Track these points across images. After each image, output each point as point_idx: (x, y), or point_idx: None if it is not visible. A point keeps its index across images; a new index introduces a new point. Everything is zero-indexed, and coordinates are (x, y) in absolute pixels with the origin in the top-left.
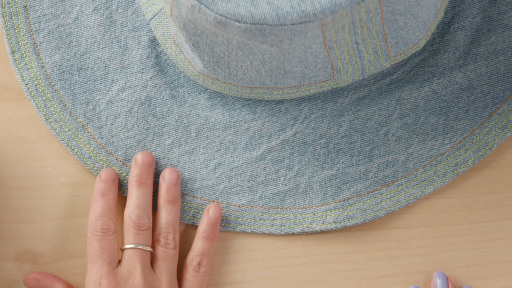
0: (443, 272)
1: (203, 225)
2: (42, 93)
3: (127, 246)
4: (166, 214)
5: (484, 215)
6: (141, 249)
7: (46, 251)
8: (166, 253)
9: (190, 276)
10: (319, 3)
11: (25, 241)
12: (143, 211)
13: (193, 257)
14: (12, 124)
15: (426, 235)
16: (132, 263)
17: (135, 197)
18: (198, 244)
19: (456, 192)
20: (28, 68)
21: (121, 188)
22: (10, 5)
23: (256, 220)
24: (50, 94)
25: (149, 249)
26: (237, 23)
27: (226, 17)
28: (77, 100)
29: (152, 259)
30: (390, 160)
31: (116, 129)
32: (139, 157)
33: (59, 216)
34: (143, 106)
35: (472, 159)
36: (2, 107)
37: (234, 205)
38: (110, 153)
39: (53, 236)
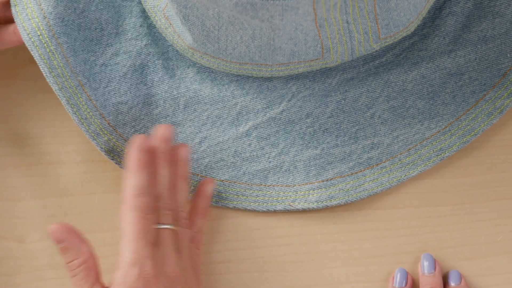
0: (430, 254)
1: (199, 201)
2: (45, 45)
3: (161, 226)
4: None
5: (470, 196)
6: (172, 229)
7: (32, 230)
8: (185, 232)
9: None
10: None
11: (11, 220)
12: (164, 190)
13: (192, 234)
14: None
15: (412, 216)
16: (167, 245)
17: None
18: (196, 221)
19: (442, 173)
20: (30, 19)
21: (117, 158)
22: None
23: (238, 196)
24: (54, 47)
25: (177, 228)
26: None
27: None
28: (77, 57)
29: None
30: (375, 142)
31: (108, 93)
32: (161, 132)
33: (45, 195)
34: (136, 73)
35: (457, 144)
36: None
37: (218, 180)
38: (103, 117)
39: (39, 214)
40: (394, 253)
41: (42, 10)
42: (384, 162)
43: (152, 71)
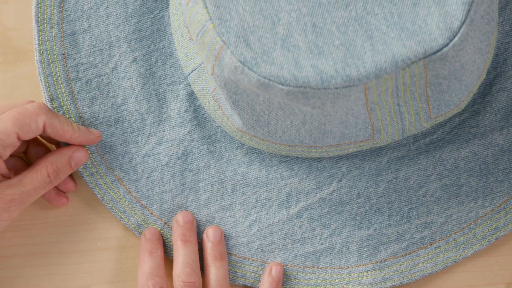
0: None
1: (266, 285)
2: None
3: None
4: (215, 270)
5: None
6: None
7: None
8: None
9: None
10: (364, 68)
11: None
12: (191, 269)
13: None
14: None
15: None
16: None
17: (182, 255)
18: None
19: (499, 250)
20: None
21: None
22: (48, 52)
23: (291, 279)
24: (88, 147)
25: None
26: (280, 86)
27: (269, 79)
28: (113, 152)
29: None
30: (428, 221)
31: (152, 183)
32: (180, 217)
33: (97, 282)
34: (180, 161)
35: None
36: None
37: (268, 264)
38: (145, 207)
39: None
40: None
41: (78, 109)
42: (438, 241)
43: (197, 157)
